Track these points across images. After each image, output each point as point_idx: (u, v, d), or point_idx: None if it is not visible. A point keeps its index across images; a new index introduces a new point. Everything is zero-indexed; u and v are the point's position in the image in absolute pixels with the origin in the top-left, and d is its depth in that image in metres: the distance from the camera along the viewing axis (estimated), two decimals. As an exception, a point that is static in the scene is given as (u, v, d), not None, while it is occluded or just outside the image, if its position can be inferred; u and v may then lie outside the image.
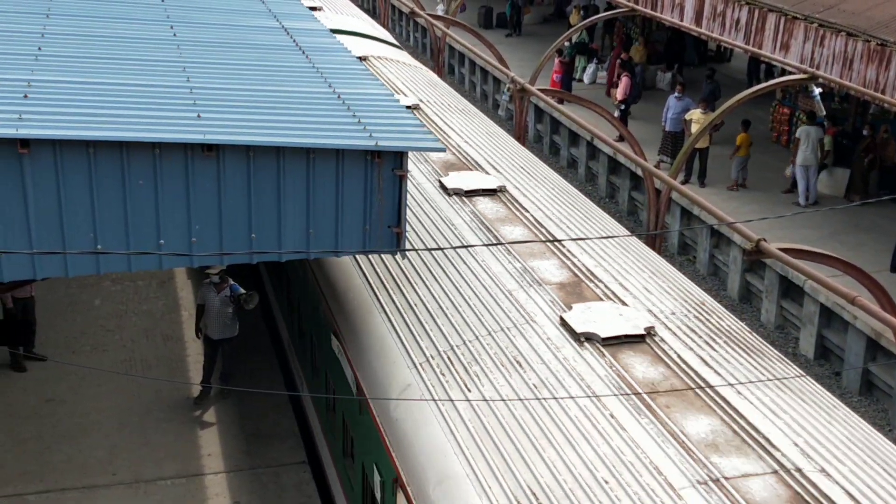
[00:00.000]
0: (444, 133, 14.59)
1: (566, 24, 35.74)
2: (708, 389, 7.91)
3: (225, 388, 14.01)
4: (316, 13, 17.12)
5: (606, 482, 6.84)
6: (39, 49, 10.42)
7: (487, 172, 12.93)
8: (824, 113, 20.06)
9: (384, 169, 8.76)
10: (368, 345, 9.99)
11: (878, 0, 18.35)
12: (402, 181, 8.85)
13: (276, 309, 16.32)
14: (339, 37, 14.08)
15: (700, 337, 8.92)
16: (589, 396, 7.87)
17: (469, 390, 8.37)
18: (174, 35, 11.90)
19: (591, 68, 31.40)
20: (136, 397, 13.91)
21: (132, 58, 10.64)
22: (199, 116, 8.76)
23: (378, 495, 9.39)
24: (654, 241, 17.29)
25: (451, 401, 8.32)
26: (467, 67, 34.60)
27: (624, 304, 9.32)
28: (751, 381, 8.09)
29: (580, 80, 31.12)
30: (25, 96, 8.69)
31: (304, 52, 11.78)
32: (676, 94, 23.76)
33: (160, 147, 8.17)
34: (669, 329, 8.96)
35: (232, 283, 13.62)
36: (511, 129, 24.23)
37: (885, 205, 19.13)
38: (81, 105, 8.76)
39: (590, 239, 10.91)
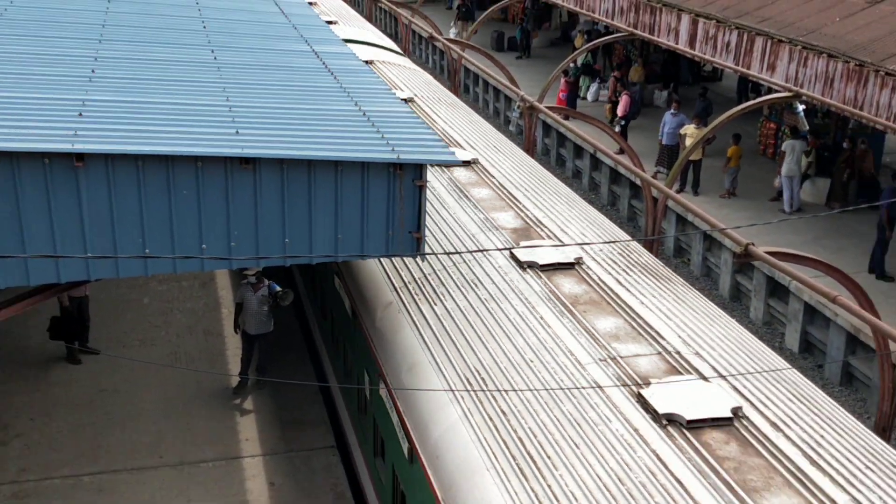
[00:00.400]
0: (432, 119, 16.37)
1: (571, 47, 35.70)
2: (617, 299, 9.60)
3: (261, 379, 14.04)
4: (332, 26, 17.71)
5: (531, 361, 8.52)
6: (93, 72, 10.48)
7: (464, 149, 14.56)
8: (807, 128, 19.95)
9: (405, 180, 8.77)
10: (361, 276, 11.63)
11: (857, 24, 18.25)
12: (422, 191, 8.86)
13: (308, 307, 16.36)
14: (351, 45, 15.36)
15: (619, 266, 10.57)
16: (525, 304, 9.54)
17: (435, 304, 10.07)
18: (215, 59, 11.95)
19: (594, 87, 31.37)
20: (181, 387, 13.96)
21: (177, 79, 10.70)
22: (237, 132, 8.79)
23: (367, 394, 10.97)
24: (652, 245, 17.24)
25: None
26: (481, 87, 34.59)
27: (562, 243, 11.01)
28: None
29: (584, 98, 31.07)
30: (80, 114, 8.74)
31: (332, 74, 11.81)
32: (672, 110, 23.68)
33: (202, 160, 8.21)
34: (595, 260, 10.60)
35: (269, 282, 13.65)
36: (521, 142, 24.20)
37: (863, 212, 19.02)
38: (131, 122, 8.80)
39: (608, 242, 10.91)
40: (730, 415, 7.37)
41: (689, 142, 21.58)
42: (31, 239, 7.93)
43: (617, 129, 24.90)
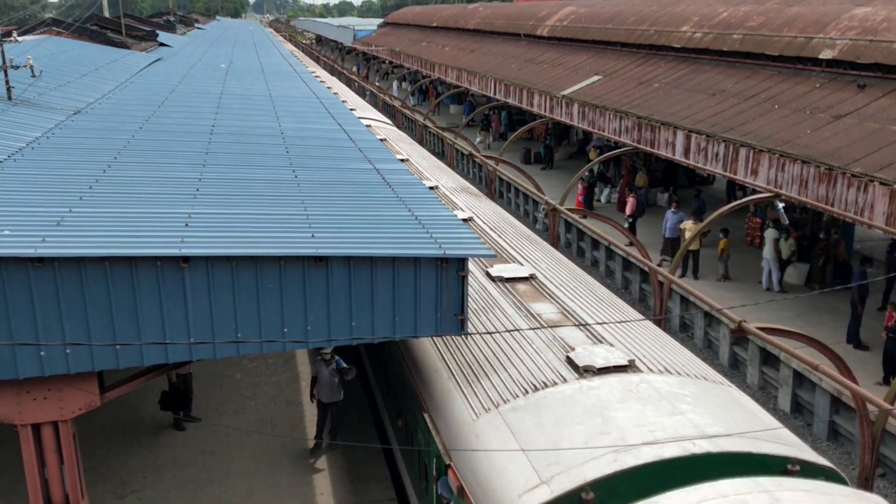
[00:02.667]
0: (396, 150, 20.80)
1: (587, 158, 35.92)
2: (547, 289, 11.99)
3: (333, 442, 13.90)
4: (353, 111, 22.30)
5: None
6: (198, 190, 10.74)
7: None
8: (787, 222, 19.75)
9: (450, 271, 8.80)
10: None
11: (825, 135, 18.18)
12: (464, 280, 8.85)
13: (372, 378, 16.23)
14: (363, 120, 20.40)
15: (562, 280, 12.49)
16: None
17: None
18: (295, 177, 12.20)
19: (606, 191, 31.44)
20: (267, 449, 13.87)
21: (265, 194, 10.92)
22: (312, 236, 8.91)
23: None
24: (661, 322, 16.96)
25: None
26: (513, 193, 34.83)
27: (522, 265, 12.82)
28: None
29: (598, 201, 31.12)
30: (187, 225, 8.93)
31: (390, 186, 11.97)
32: (672, 209, 23.60)
33: (284, 259, 8.31)
34: (544, 275, 12.52)
35: (337, 358, 13.63)
36: (547, 238, 24.19)
37: (838, 292, 18.65)
38: (227, 230, 8.97)
39: (621, 322, 10.75)
40: None
41: (688, 235, 21.44)
42: (145, 327, 8.04)
43: (626, 225, 24.85)
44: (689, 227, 22.19)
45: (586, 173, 28.32)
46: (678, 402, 8.14)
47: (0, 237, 7.96)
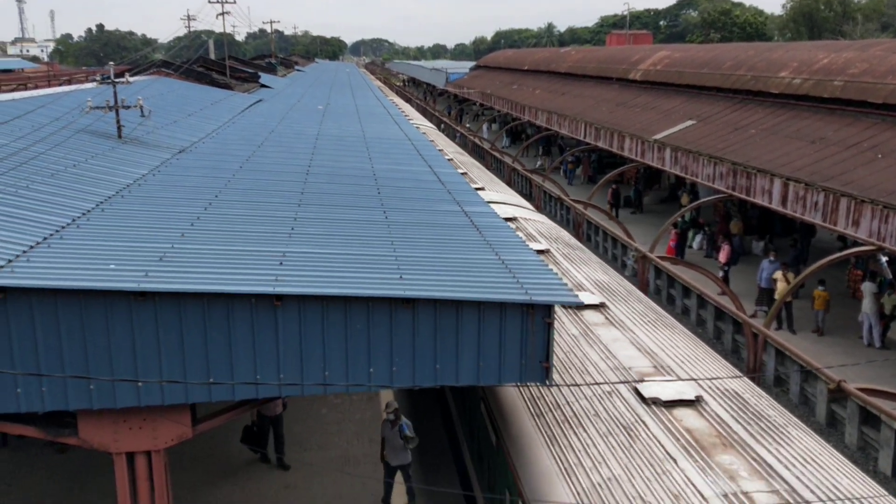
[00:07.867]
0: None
1: (678, 204, 35.33)
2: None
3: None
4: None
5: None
6: (292, 229, 11.05)
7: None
8: (890, 276, 18.92)
9: (536, 318, 8.76)
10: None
11: (933, 186, 17.44)
12: (550, 327, 8.80)
13: (458, 427, 15.87)
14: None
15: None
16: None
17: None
18: (386, 218, 12.42)
19: (699, 238, 30.77)
20: (348, 486, 13.95)
21: (356, 234, 11.15)
22: (400, 277, 9.02)
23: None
24: (755, 379, 16.41)
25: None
26: (601, 237, 34.47)
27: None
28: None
29: (690, 247, 30.49)
30: (281, 263, 9.18)
31: (478, 229, 12.05)
32: (770, 258, 22.92)
33: (372, 300, 8.45)
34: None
35: (402, 422, 12.84)
36: (636, 283, 23.82)
37: (949, 350, 17.69)
38: (318, 270, 9.18)
39: (714, 378, 10.47)
40: None
41: (779, 286, 20.76)
42: (238, 362, 8.28)
43: (720, 274, 24.23)
44: (780, 277, 21.47)
45: (679, 219, 27.84)
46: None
47: (107, 271, 8.37)
